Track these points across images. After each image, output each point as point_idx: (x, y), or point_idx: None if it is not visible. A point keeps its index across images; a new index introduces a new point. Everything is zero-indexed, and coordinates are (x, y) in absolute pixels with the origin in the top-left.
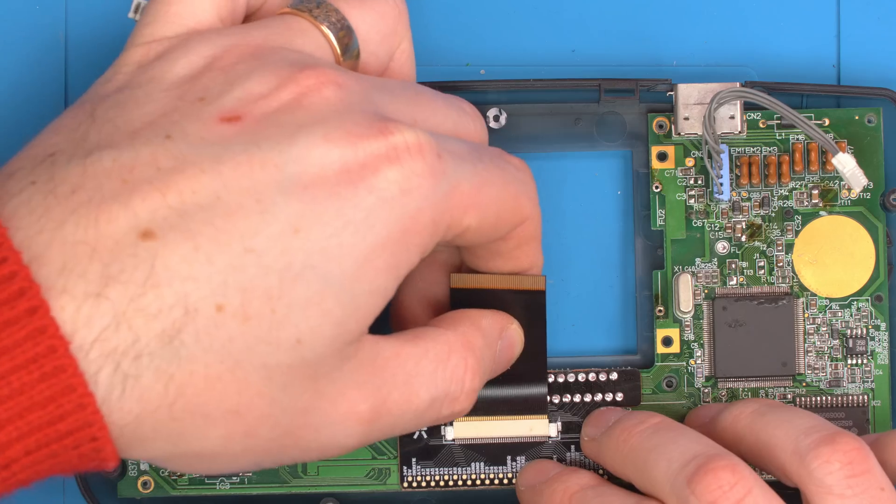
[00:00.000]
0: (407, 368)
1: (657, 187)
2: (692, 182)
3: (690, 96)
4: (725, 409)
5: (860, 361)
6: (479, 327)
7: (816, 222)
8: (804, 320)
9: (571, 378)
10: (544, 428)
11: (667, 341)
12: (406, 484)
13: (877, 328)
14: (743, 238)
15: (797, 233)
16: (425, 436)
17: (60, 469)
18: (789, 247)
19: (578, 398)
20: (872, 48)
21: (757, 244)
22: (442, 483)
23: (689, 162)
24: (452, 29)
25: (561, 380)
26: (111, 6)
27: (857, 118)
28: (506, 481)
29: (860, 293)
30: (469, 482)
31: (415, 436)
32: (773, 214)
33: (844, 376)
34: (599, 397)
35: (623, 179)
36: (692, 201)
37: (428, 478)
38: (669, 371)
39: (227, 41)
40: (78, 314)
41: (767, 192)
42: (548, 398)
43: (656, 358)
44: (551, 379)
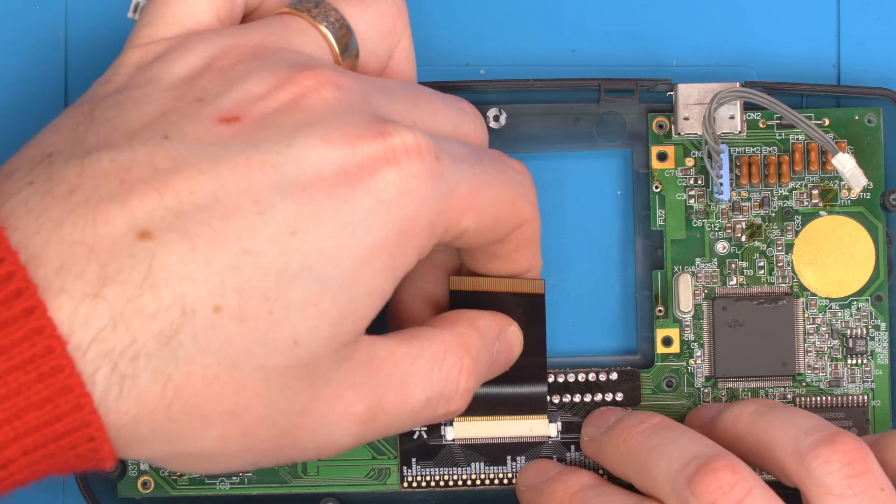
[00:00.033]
0: (403, 368)
1: (657, 187)
2: (692, 182)
3: (690, 96)
4: (725, 410)
5: (860, 361)
6: (477, 328)
7: (816, 222)
8: (804, 320)
9: (571, 378)
10: (544, 428)
11: (667, 341)
12: (406, 484)
13: (877, 328)
14: (743, 238)
15: (797, 233)
16: (425, 436)
17: (58, 469)
18: (789, 247)
19: (578, 398)
20: (872, 48)
21: (757, 244)
22: (442, 483)
23: (689, 162)
24: (452, 29)
25: (561, 380)
26: (111, 6)
27: (857, 118)
28: (506, 481)
29: (860, 293)
30: (469, 482)
31: (415, 436)
32: (773, 214)
33: (844, 376)
34: (599, 397)
35: (623, 179)
36: (692, 201)
37: (428, 478)
38: (669, 371)
39: (226, 42)
40: (75, 314)
41: (767, 192)
42: (548, 398)
43: (656, 358)
44: (551, 379)
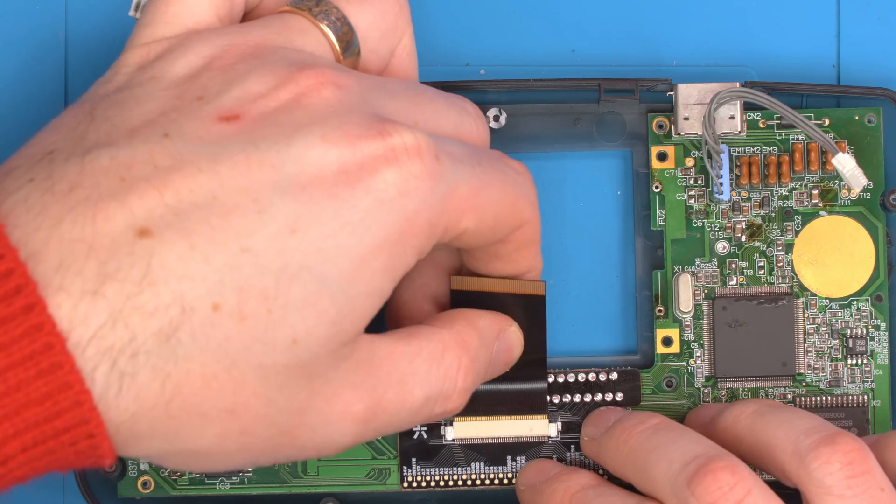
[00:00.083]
0: (401, 367)
1: (657, 187)
2: (692, 182)
3: (690, 96)
4: (725, 410)
5: (860, 361)
6: (476, 327)
7: (816, 222)
8: (804, 320)
9: (571, 378)
10: (544, 428)
11: (667, 341)
12: (406, 484)
13: (877, 328)
14: (743, 238)
15: (797, 233)
16: (425, 436)
17: (58, 466)
18: (789, 247)
19: (578, 398)
20: (872, 48)
21: (757, 244)
22: (442, 483)
23: (689, 162)
24: (452, 29)
25: (561, 380)
26: (111, 6)
27: (857, 118)
28: (506, 481)
29: (860, 293)
30: (469, 482)
31: (415, 436)
32: (773, 214)
33: (844, 376)
34: (599, 397)
35: (623, 179)
36: (692, 201)
37: (428, 478)
38: (669, 371)
39: (226, 41)
40: (74, 312)
41: (767, 192)
42: (548, 398)
43: (656, 358)
44: (551, 379)
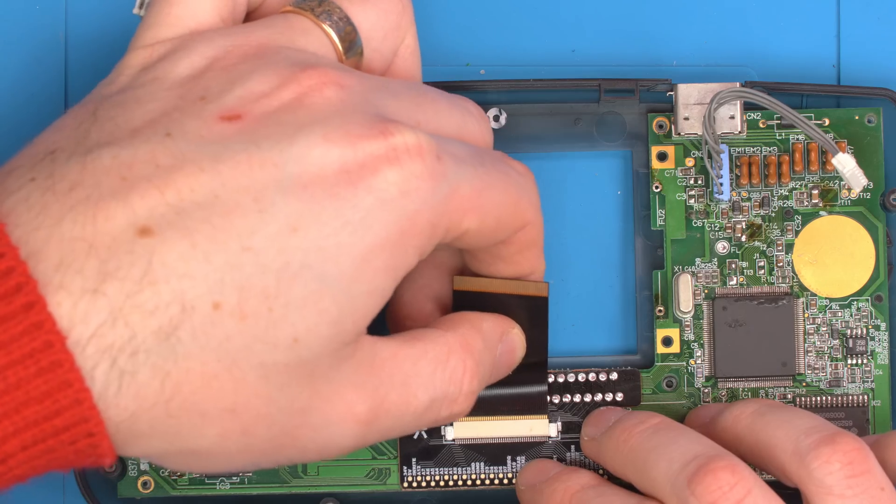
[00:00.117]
0: (405, 369)
1: (657, 187)
2: (692, 182)
3: (690, 96)
4: (725, 410)
5: (860, 361)
6: (480, 330)
7: (816, 222)
8: (804, 320)
9: (571, 378)
10: (544, 428)
11: (667, 341)
12: (406, 484)
13: (877, 328)
14: (743, 238)
15: (797, 233)
16: (425, 436)
17: (57, 465)
18: (789, 247)
19: (578, 398)
20: (872, 48)
21: (757, 244)
22: (442, 483)
23: (689, 162)
24: (452, 29)
25: (561, 380)
26: (111, 6)
27: (857, 118)
28: (506, 481)
29: (860, 293)
30: (469, 482)
31: (415, 436)
32: (773, 214)
33: (844, 376)
34: (599, 397)
35: (623, 179)
36: (692, 201)
37: (428, 478)
38: (669, 371)
39: (229, 41)
40: (75, 310)
41: (767, 192)
42: (548, 398)
43: (656, 358)
44: (551, 379)
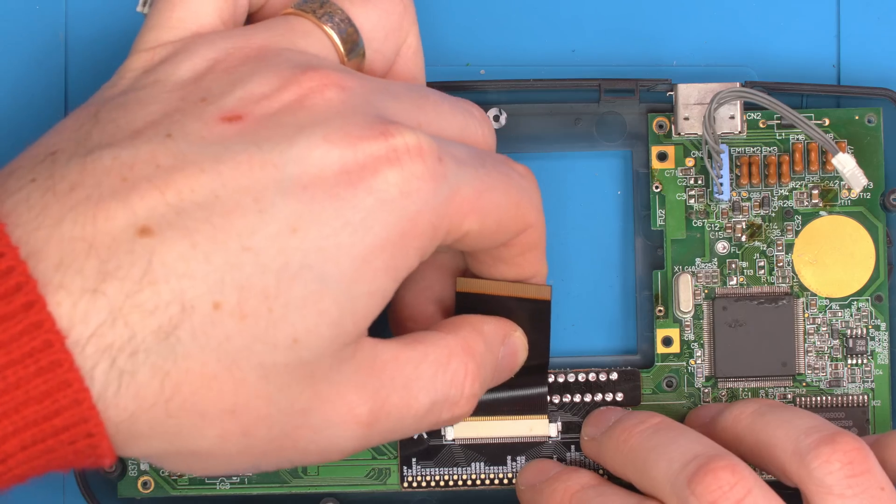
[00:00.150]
0: (406, 372)
1: (657, 187)
2: (692, 182)
3: (690, 96)
4: (725, 410)
5: (860, 361)
6: (481, 333)
7: (816, 222)
8: (804, 320)
9: (571, 378)
10: (544, 428)
11: (667, 341)
12: (406, 484)
13: (877, 328)
14: (743, 238)
15: (797, 233)
16: (426, 436)
17: (57, 465)
18: (789, 247)
19: (578, 398)
20: (872, 48)
21: (757, 244)
22: (442, 483)
23: (689, 162)
24: (452, 29)
25: (561, 380)
26: (111, 6)
27: (857, 118)
28: (506, 481)
29: (860, 293)
30: (469, 482)
31: (415, 436)
32: (773, 214)
33: (844, 376)
34: (599, 397)
35: (623, 179)
36: (692, 201)
37: (428, 478)
38: (669, 371)
39: (230, 43)
40: (74, 310)
41: (767, 192)
42: (548, 398)
43: (656, 358)
44: (551, 379)
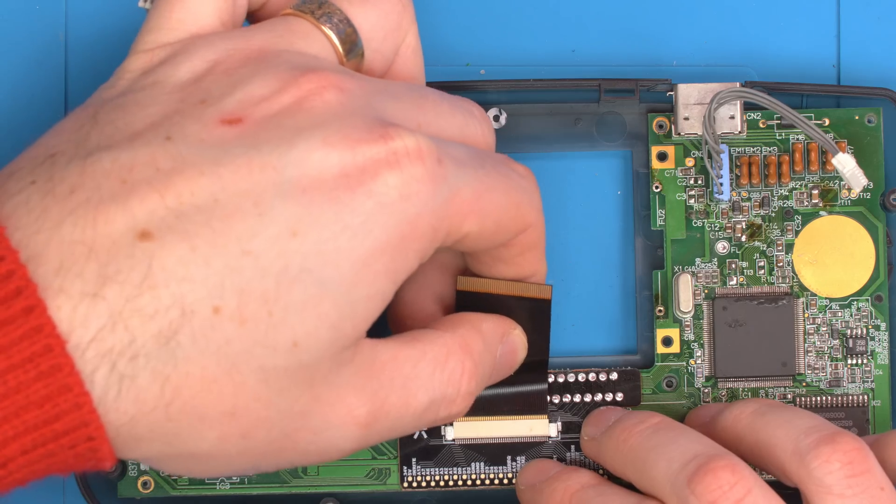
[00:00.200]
0: (405, 371)
1: (657, 187)
2: (692, 182)
3: (690, 96)
4: (725, 409)
5: (860, 361)
6: (480, 331)
7: (816, 222)
8: (804, 320)
9: (571, 378)
10: (544, 428)
11: (667, 341)
12: (406, 484)
13: (877, 328)
14: (743, 238)
15: (797, 233)
16: (425, 436)
17: (57, 469)
18: (789, 247)
19: (578, 398)
20: (872, 48)
21: (757, 244)
22: (442, 483)
23: (689, 162)
24: (452, 29)
25: (561, 380)
26: (111, 6)
27: (857, 118)
28: (506, 481)
29: (860, 293)
30: (469, 482)
31: (415, 436)
32: (773, 214)
33: (844, 376)
34: (599, 397)
35: (623, 179)
36: (692, 201)
37: (428, 478)
38: (669, 371)
39: (229, 45)
40: (74, 314)
41: (767, 192)
42: (548, 398)
43: (656, 358)
44: (551, 379)
